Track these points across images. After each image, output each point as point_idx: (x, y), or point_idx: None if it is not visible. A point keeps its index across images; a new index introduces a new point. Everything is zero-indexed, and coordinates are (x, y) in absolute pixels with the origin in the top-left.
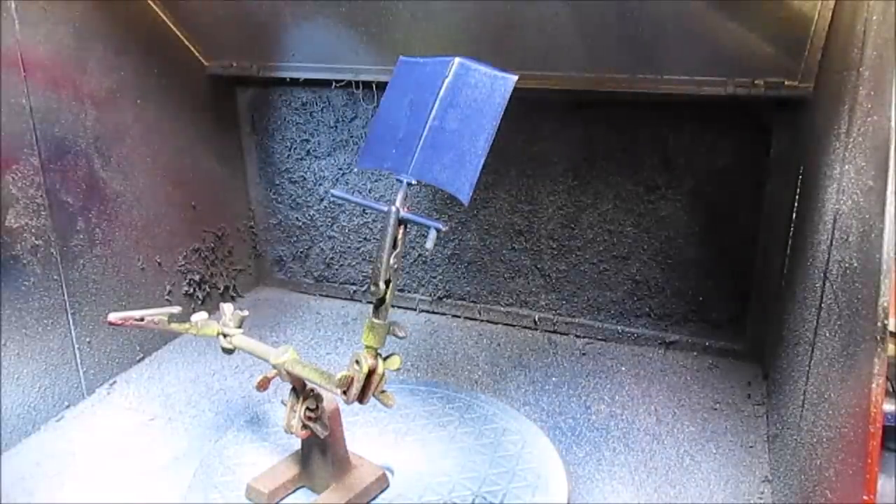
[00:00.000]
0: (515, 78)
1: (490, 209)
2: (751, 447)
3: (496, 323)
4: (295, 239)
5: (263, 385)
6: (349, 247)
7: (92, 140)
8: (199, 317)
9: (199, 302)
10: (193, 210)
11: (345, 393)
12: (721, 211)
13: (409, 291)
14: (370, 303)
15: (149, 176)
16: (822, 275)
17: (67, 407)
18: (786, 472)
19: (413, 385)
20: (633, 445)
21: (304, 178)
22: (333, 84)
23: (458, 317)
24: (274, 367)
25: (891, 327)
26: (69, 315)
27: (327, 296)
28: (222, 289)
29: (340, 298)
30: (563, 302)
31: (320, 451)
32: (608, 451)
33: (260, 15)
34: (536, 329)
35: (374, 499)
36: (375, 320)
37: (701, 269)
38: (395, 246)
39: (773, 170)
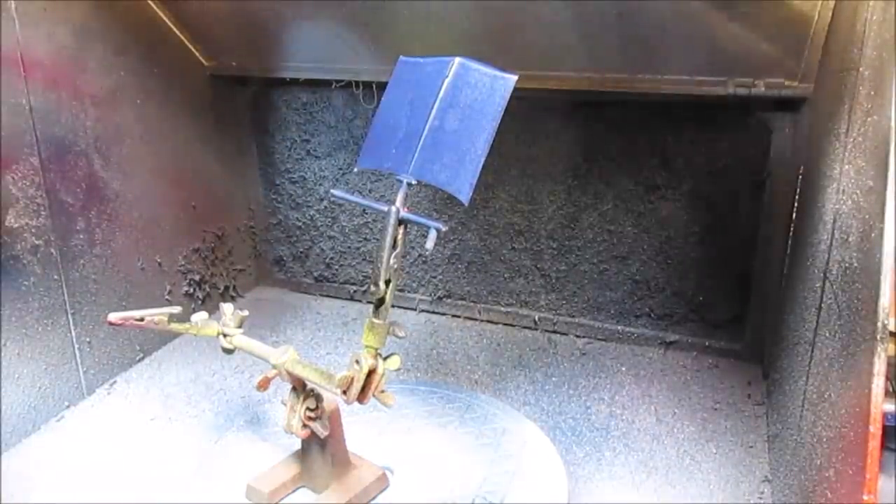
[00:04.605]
0: (515, 78)
1: (490, 209)
2: (751, 447)
3: (496, 323)
4: (295, 239)
5: (263, 385)
6: (349, 247)
7: (92, 140)
8: (199, 317)
9: (199, 302)
10: (193, 210)
11: (345, 393)
12: (721, 211)
13: (409, 291)
14: (370, 303)
15: (149, 176)
16: (822, 275)
17: (67, 407)
18: (786, 472)
19: (413, 385)
20: (633, 445)
21: (304, 178)
22: (333, 84)
23: (458, 317)
24: (274, 367)
25: (891, 327)
26: (69, 315)
27: (327, 296)
28: (222, 289)
29: (340, 298)
30: (563, 302)
31: (320, 451)
32: (608, 451)
33: (260, 15)
34: (536, 329)
35: (373, 499)
36: (375, 320)
37: (701, 269)
38: (395, 246)
39: (773, 170)
